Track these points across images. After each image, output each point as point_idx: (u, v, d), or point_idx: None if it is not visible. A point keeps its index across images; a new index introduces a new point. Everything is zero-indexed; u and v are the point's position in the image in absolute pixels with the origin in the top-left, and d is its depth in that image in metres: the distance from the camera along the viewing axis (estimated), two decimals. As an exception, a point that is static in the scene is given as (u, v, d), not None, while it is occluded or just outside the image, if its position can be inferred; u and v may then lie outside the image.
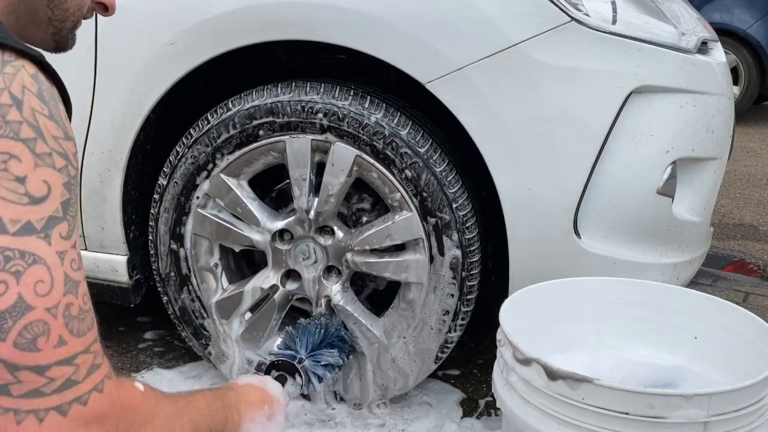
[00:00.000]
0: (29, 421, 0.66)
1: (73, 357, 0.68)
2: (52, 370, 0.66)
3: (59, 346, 0.66)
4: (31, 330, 0.64)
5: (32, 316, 0.64)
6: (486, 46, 1.38)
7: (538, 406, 1.03)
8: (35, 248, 0.64)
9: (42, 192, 0.65)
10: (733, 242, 3.08)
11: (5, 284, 0.63)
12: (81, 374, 0.69)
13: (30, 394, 0.65)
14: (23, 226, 0.64)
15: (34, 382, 0.65)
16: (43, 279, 0.65)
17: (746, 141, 5.14)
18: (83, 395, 0.69)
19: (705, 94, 1.50)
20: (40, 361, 0.65)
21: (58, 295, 0.66)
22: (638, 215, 1.46)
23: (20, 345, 0.64)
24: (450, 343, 1.61)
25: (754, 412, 0.98)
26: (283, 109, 1.50)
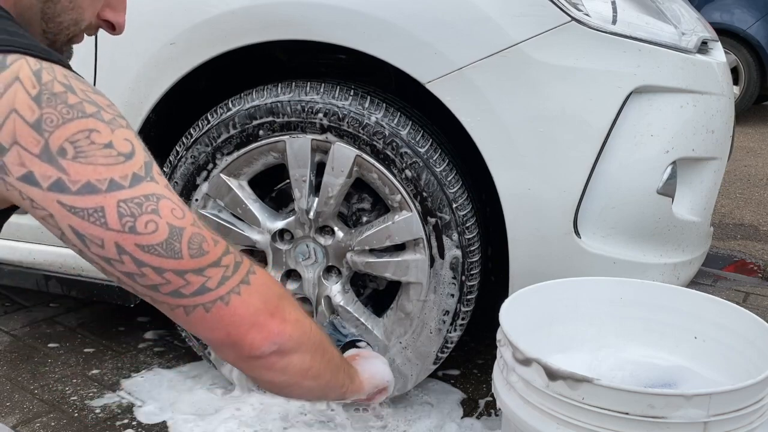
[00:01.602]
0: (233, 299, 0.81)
1: (227, 247, 0.82)
2: (223, 259, 0.80)
3: (216, 244, 0.80)
4: (194, 242, 0.77)
5: (187, 233, 0.77)
6: (486, 46, 1.38)
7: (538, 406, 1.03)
8: (151, 189, 0.75)
9: (128, 148, 0.76)
10: (733, 242, 3.08)
11: (154, 222, 0.74)
12: (238, 256, 0.83)
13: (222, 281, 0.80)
14: (132, 178, 0.74)
15: (219, 273, 0.79)
16: (173, 207, 0.77)
17: (746, 141, 5.14)
18: (250, 267, 0.84)
19: (705, 94, 1.50)
20: (213, 258, 0.79)
21: (189, 213, 0.79)
22: (638, 215, 1.46)
23: (194, 255, 0.77)
24: (450, 343, 1.61)
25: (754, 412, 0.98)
26: (283, 109, 1.50)
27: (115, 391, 1.81)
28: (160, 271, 0.76)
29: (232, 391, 1.75)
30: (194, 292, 0.78)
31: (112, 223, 0.73)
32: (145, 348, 2.03)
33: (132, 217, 0.74)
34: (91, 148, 0.73)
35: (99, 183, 0.73)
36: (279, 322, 0.85)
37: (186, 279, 0.77)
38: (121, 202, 0.73)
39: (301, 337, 0.88)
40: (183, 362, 1.94)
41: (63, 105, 0.72)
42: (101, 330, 2.12)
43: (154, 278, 0.76)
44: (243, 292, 0.81)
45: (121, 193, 0.73)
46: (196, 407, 1.72)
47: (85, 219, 0.73)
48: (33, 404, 1.75)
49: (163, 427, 1.66)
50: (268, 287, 0.85)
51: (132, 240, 0.74)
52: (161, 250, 0.75)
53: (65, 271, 1.81)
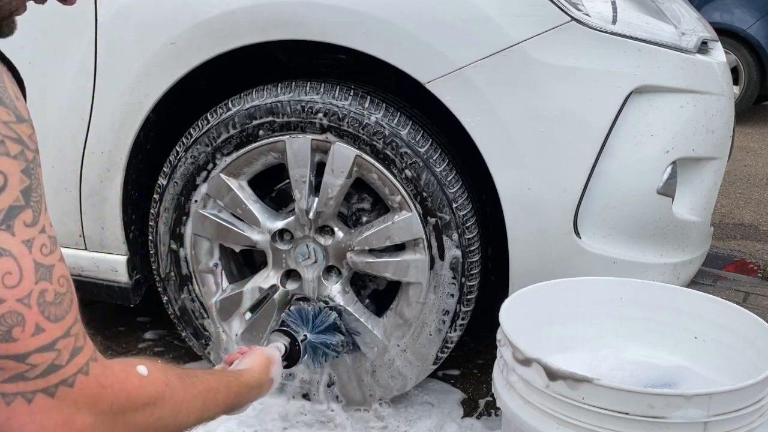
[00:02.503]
0: (18, 403, 0.65)
1: (53, 343, 0.66)
2: (33, 357, 0.65)
3: (36, 334, 0.65)
4: (5, 321, 0.62)
5: (3, 308, 0.62)
6: (486, 46, 1.38)
7: (538, 406, 1.03)
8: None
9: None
10: (733, 242, 3.08)
11: None
12: (64, 358, 0.67)
13: (14, 378, 0.64)
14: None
15: (16, 369, 0.64)
16: (11, 270, 0.62)
17: (746, 141, 5.14)
18: (69, 377, 0.67)
19: (705, 94, 1.50)
20: (19, 350, 0.64)
21: (29, 285, 0.64)
22: (638, 215, 1.46)
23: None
24: (450, 343, 1.61)
25: (754, 412, 0.98)
26: (283, 108, 1.50)
27: (115, 391, 1.81)
28: None
29: (232, 391, 1.75)
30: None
31: None
32: (145, 348, 2.03)
33: None
34: None
35: None
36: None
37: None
38: None
39: None
40: (183, 362, 1.94)
41: None
42: (101, 330, 2.12)
43: None
44: (36, 402, 0.66)
45: None
46: (196, 407, 1.71)
47: None
48: (33, 404, 1.75)
49: (163, 427, 1.66)
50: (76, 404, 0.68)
51: None
52: None
53: (65, 271, 1.81)
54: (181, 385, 0.83)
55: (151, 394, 0.76)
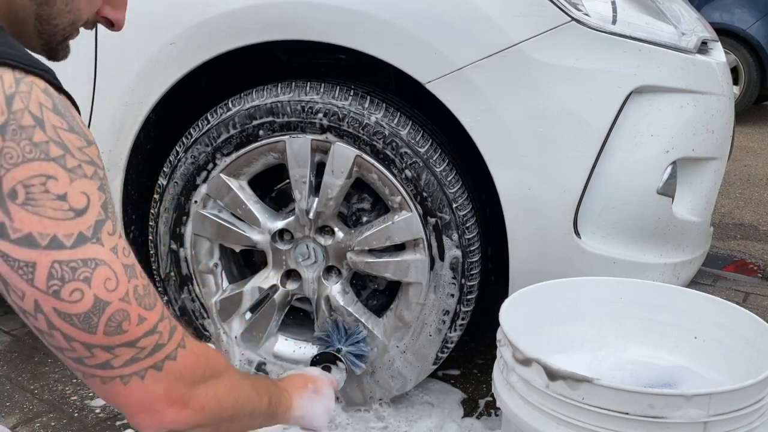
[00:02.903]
0: (133, 381, 0.78)
1: (155, 326, 0.79)
2: (141, 341, 0.77)
3: (140, 323, 0.77)
4: (114, 319, 0.75)
5: (111, 309, 0.74)
6: (486, 46, 1.38)
7: (538, 406, 1.03)
8: (93, 253, 0.73)
9: (83, 203, 0.72)
10: (733, 242, 3.08)
11: (80, 291, 0.72)
12: (165, 338, 0.80)
13: (129, 362, 0.77)
14: (77, 238, 0.72)
15: (129, 353, 0.77)
16: (109, 276, 0.74)
17: (746, 141, 5.14)
18: (171, 352, 0.81)
19: (705, 94, 1.50)
20: (130, 338, 0.76)
21: (124, 285, 0.75)
22: (638, 215, 1.46)
23: (109, 332, 0.75)
24: (450, 343, 1.61)
25: (754, 412, 0.98)
26: (283, 109, 1.50)
27: (115, 391, 1.81)
28: (69, 339, 0.74)
29: (232, 391, 1.75)
30: (96, 366, 0.77)
31: (38, 282, 0.71)
32: (145, 348, 2.02)
33: (61, 281, 0.71)
34: (43, 196, 0.70)
35: (40, 237, 0.70)
36: (176, 411, 0.83)
37: (92, 352, 0.76)
38: (56, 263, 0.71)
39: (203, 420, 0.87)
40: (183, 362, 1.93)
41: (27, 142, 0.69)
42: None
43: (61, 343, 0.75)
44: (147, 377, 0.80)
45: (60, 254, 0.71)
46: (196, 407, 1.71)
47: (14, 269, 0.70)
48: (33, 404, 1.75)
49: (163, 427, 1.66)
50: (180, 375, 0.83)
51: (52, 303, 0.72)
52: (77, 322, 0.73)
53: (65, 271, 1.81)
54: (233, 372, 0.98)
55: (222, 364, 0.93)
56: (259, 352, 1.71)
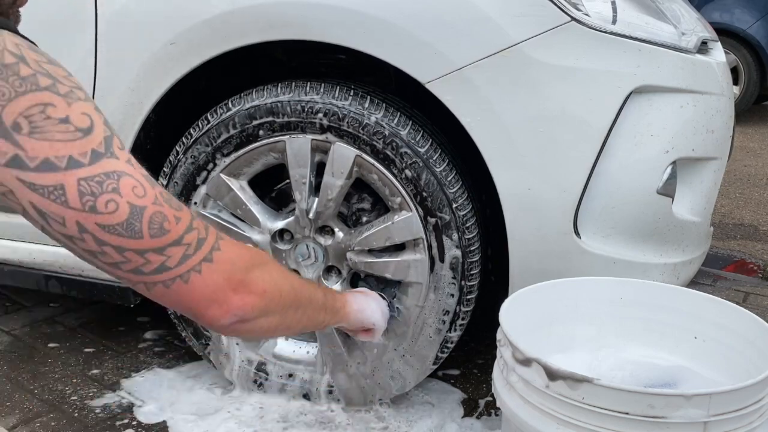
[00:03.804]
0: (193, 277, 0.82)
1: (190, 224, 0.82)
2: (185, 237, 0.81)
3: (178, 222, 0.80)
4: (155, 221, 0.77)
5: (148, 212, 0.77)
6: (486, 46, 1.38)
7: (538, 406, 1.03)
8: (112, 167, 0.75)
9: (87, 123, 0.74)
10: (733, 242, 3.08)
11: (114, 202, 0.74)
12: (202, 233, 0.84)
13: (181, 260, 0.81)
14: (92, 155, 0.73)
15: (179, 252, 0.81)
16: (135, 185, 0.76)
17: (746, 141, 5.14)
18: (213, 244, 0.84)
19: (705, 94, 1.50)
20: (174, 237, 0.79)
21: (150, 190, 0.78)
22: (638, 215, 1.46)
23: (154, 234, 0.77)
24: (450, 343, 1.61)
25: (754, 412, 0.98)
26: (283, 109, 1.50)
27: (115, 390, 1.81)
28: (120, 250, 0.77)
29: (231, 391, 1.75)
30: (154, 270, 0.79)
31: (72, 201, 0.73)
32: (145, 348, 2.03)
33: (92, 196, 0.73)
34: (46, 123, 0.71)
35: (57, 160, 0.72)
36: (242, 297, 0.87)
37: (146, 258, 0.78)
38: (82, 180, 0.73)
39: (268, 305, 0.91)
40: (183, 362, 1.94)
41: (15, 77, 0.70)
42: (101, 330, 2.12)
43: (115, 257, 0.77)
44: (204, 270, 0.83)
45: (81, 171, 0.73)
46: (196, 407, 1.72)
47: (45, 197, 0.72)
48: (33, 404, 1.75)
49: (162, 426, 1.66)
50: (232, 263, 0.86)
51: (93, 219, 0.74)
52: (122, 230, 0.75)
53: (65, 271, 1.81)
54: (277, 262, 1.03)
55: (264, 254, 0.98)
56: (259, 352, 1.71)
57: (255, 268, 0.89)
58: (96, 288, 1.79)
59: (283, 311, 0.95)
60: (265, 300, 0.90)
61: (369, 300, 1.35)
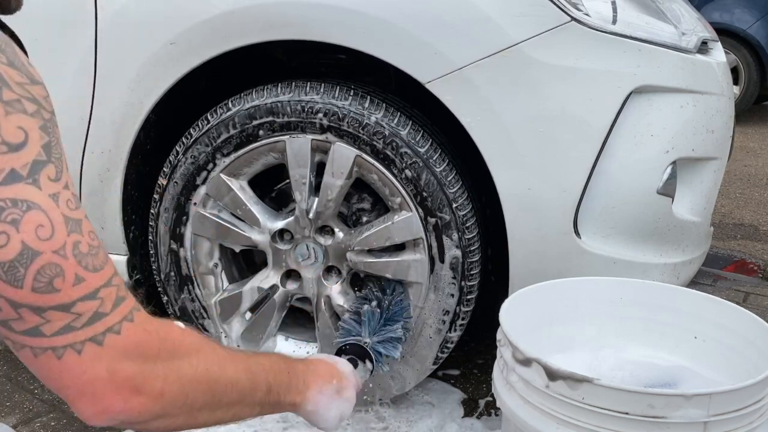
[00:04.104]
0: (68, 355, 0.66)
1: (96, 291, 0.67)
2: (77, 306, 0.65)
3: (77, 284, 0.65)
4: (45, 273, 0.63)
5: (41, 260, 0.63)
6: (486, 46, 1.38)
7: (538, 406, 1.03)
8: (26, 195, 0.62)
9: (19, 138, 0.62)
10: (734, 242, 3.08)
11: (6, 235, 0.61)
12: (107, 306, 0.68)
13: (62, 331, 0.65)
14: (8, 175, 0.61)
15: (62, 320, 0.65)
16: (43, 223, 0.63)
17: (746, 141, 5.14)
18: (114, 325, 0.68)
19: (705, 94, 1.50)
20: (64, 300, 0.65)
21: (62, 236, 0.64)
22: (638, 215, 1.46)
23: (39, 289, 0.63)
24: (450, 343, 1.61)
25: (754, 412, 0.98)
26: (283, 109, 1.50)
27: (115, 391, 1.81)
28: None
29: (232, 391, 1.75)
30: (25, 332, 0.65)
31: None
32: (145, 348, 2.02)
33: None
34: None
35: None
36: (124, 398, 0.69)
37: (19, 313, 0.64)
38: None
39: (165, 408, 0.73)
40: (183, 362, 1.93)
41: None
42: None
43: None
44: (86, 352, 0.67)
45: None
46: (196, 407, 1.71)
47: None
48: (33, 404, 1.75)
49: (163, 427, 1.66)
50: (127, 352, 0.69)
51: None
52: (1, 272, 0.62)
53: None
54: (221, 345, 0.85)
55: (194, 343, 0.78)
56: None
57: (158, 364, 0.72)
58: (96, 288, 1.78)
59: (188, 413, 0.77)
60: (160, 404, 0.72)
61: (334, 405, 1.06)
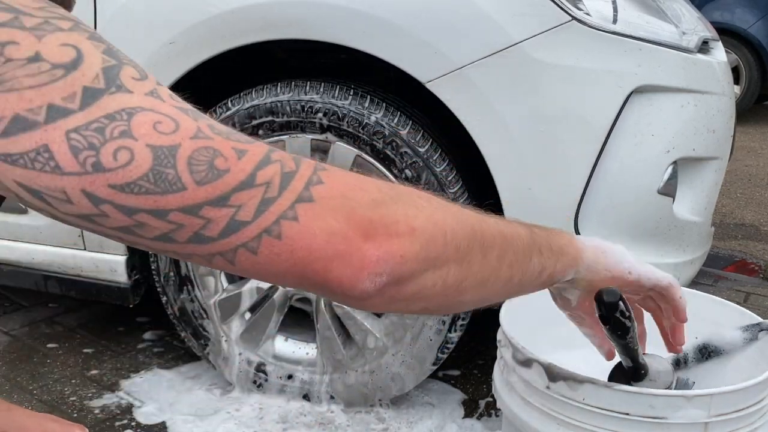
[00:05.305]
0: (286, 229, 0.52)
1: (266, 156, 0.53)
2: (258, 176, 0.52)
3: (242, 156, 0.52)
4: (197, 160, 0.50)
5: (184, 151, 0.50)
6: (486, 45, 1.38)
7: (538, 407, 1.03)
8: (117, 104, 0.50)
9: (70, 55, 0.51)
10: (734, 242, 3.08)
11: (125, 150, 0.49)
12: (290, 164, 0.53)
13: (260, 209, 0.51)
14: (83, 95, 0.50)
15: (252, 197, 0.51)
16: (158, 120, 0.51)
17: (747, 140, 5.14)
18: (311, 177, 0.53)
19: (706, 93, 1.50)
20: (239, 178, 0.51)
21: (189, 123, 0.52)
22: (639, 215, 1.45)
23: (202, 180, 0.50)
24: (450, 343, 1.61)
25: (755, 413, 0.98)
26: (283, 108, 1.50)
27: (114, 391, 1.81)
28: (159, 214, 0.51)
29: (231, 392, 1.75)
30: (223, 232, 0.51)
31: (66, 164, 0.49)
32: (144, 348, 2.02)
33: (92, 149, 0.49)
34: (6, 68, 0.49)
35: (32, 113, 0.49)
36: (377, 243, 0.54)
37: (203, 216, 0.51)
38: (72, 133, 0.49)
39: (429, 249, 0.57)
40: (182, 363, 1.93)
41: None
42: (100, 330, 2.12)
43: (158, 225, 0.51)
44: (302, 215, 0.52)
45: (69, 121, 0.49)
46: (195, 408, 1.71)
47: (29, 167, 0.49)
48: (32, 405, 1.75)
49: (162, 427, 1.66)
50: (343, 194, 0.54)
51: (103, 181, 0.49)
52: (149, 185, 0.50)
53: (64, 271, 1.80)
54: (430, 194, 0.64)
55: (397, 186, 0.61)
56: (258, 353, 1.70)
57: (394, 203, 0.56)
58: (95, 288, 1.78)
59: (460, 257, 0.60)
60: (419, 240, 0.56)
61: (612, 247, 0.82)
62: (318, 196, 0.53)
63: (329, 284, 0.54)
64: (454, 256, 0.60)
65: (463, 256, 0.61)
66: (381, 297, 0.56)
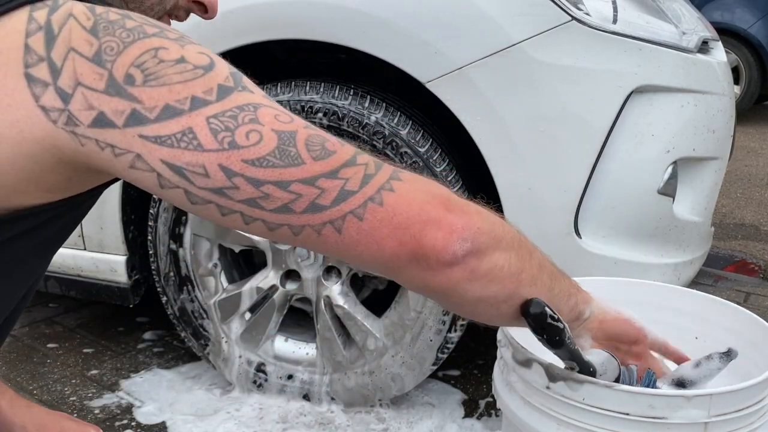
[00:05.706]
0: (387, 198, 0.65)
1: (355, 153, 0.66)
2: (358, 159, 0.66)
3: (343, 145, 0.66)
4: (313, 142, 0.64)
5: (301, 135, 0.64)
6: (486, 45, 1.38)
7: (538, 407, 1.03)
8: (245, 99, 0.64)
9: (206, 60, 0.64)
10: (734, 242, 3.08)
11: (255, 132, 0.62)
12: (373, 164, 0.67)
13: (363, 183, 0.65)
14: (219, 90, 0.63)
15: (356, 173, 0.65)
16: (277, 114, 0.64)
17: (747, 141, 5.14)
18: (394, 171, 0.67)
19: (706, 93, 1.50)
20: (344, 157, 0.65)
21: (299, 120, 0.65)
22: (639, 215, 1.45)
23: (318, 156, 0.63)
24: (450, 343, 1.61)
25: (755, 413, 0.98)
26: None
27: (114, 391, 1.81)
28: (283, 185, 0.63)
29: (231, 392, 1.75)
30: (335, 200, 0.64)
31: (207, 143, 0.62)
32: (144, 348, 2.02)
33: (228, 131, 0.62)
34: (160, 67, 0.63)
35: (179, 104, 0.62)
36: (459, 214, 0.67)
37: (319, 186, 0.63)
38: (211, 118, 0.62)
39: (493, 229, 0.69)
40: (182, 363, 1.93)
41: (122, 30, 0.64)
42: (100, 330, 2.12)
43: (281, 195, 0.63)
44: (397, 188, 0.65)
45: (208, 109, 0.62)
46: (195, 408, 1.71)
47: (174, 146, 0.62)
48: (32, 405, 1.75)
49: (162, 427, 1.66)
50: (424, 181, 0.68)
51: (237, 156, 0.62)
52: (276, 160, 0.62)
53: (64, 271, 1.81)
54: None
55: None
56: (258, 353, 1.70)
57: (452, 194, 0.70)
58: (95, 288, 1.78)
59: (516, 247, 0.73)
60: (488, 221, 0.69)
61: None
62: (404, 177, 0.66)
63: (423, 248, 0.65)
64: (512, 244, 0.72)
65: (517, 248, 0.73)
66: (463, 268, 0.67)
